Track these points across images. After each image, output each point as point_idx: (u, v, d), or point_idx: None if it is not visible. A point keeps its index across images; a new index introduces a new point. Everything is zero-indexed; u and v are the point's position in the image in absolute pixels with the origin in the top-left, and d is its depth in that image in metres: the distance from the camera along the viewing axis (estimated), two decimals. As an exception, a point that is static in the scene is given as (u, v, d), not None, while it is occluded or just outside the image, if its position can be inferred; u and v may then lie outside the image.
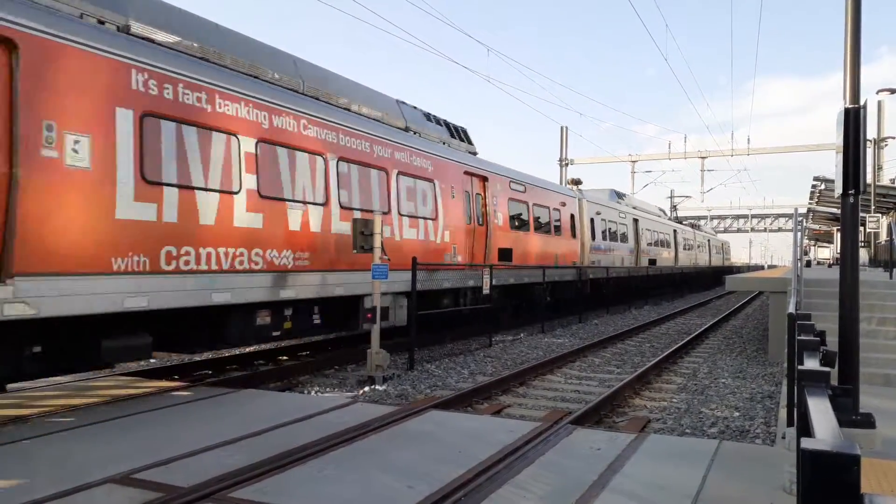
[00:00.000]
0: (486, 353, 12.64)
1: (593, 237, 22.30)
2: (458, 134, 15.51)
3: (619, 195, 28.15)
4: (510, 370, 10.55)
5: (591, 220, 22.13)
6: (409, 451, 5.50)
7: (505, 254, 15.51)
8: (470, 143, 15.95)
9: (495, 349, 13.27)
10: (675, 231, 36.39)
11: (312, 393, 8.89)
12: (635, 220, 28.02)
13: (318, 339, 12.93)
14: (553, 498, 4.52)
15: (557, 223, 19.33)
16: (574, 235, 20.72)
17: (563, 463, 5.30)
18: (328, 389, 9.20)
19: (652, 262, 30.83)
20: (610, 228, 24.37)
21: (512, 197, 16.35)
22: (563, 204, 19.89)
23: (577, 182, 23.71)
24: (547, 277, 17.42)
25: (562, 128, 39.15)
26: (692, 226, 46.64)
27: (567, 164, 38.11)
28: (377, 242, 9.81)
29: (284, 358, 11.81)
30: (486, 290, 14.08)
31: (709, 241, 49.95)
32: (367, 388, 9.13)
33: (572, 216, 20.63)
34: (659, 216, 34.40)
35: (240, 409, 6.96)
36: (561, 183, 30.70)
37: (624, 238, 26.21)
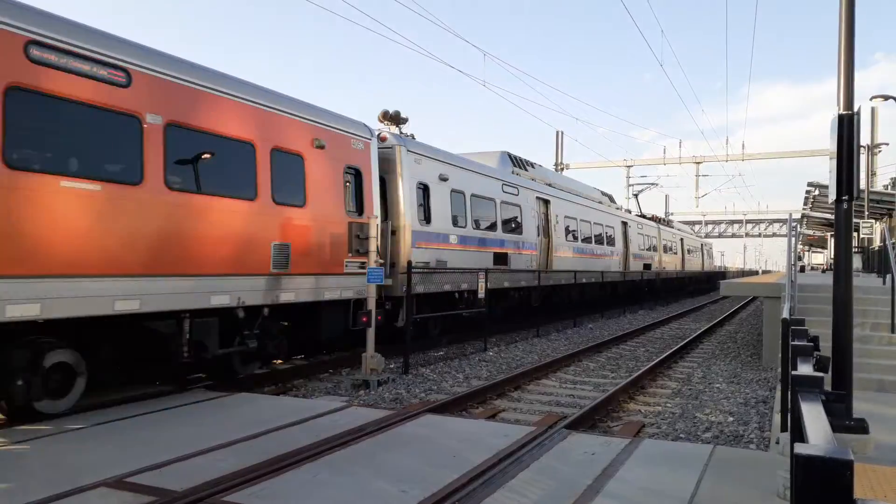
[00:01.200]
0: (482, 358, 12.63)
1: (426, 218, 12.91)
2: None
3: (522, 163, 19.16)
4: (505, 374, 10.55)
5: (423, 189, 12.96)
6: (403, 456, 5.49)
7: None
8: None
9: (490, 353, 13.26)
10: (624, 224, 27.23)
11: (307, 397, 8.87)
12: (544, 202, 18.97)
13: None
14: (548, 502, 4.52)
15: (297, 182, 9.64)
16: (360, 210, 11.04)
17: (558, 467, 5.29)
18: (323, 393, 9.18)
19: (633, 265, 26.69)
20: (478, 208, 15.06)
21: (44, 86, 6.51)
22: (320, 145, 10.05)
23: (394, 119, 13.51)
24: (239, 294, 8.44)
25: (557, 132, 39.30)
26: (657, 219, 35.93)
27: (562, 169, 38.19)
28: (373, 246, 9.85)
29: (279, 362, 11.77)
30: (480, 294, 14.09)
31: (682, 240, 40.36)
32: (361, 392, 9.12)
33: (357, 174, 10.97)
34: (601, 202, 25.26)
35: (234, 413, 6.94)
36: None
37: (515, 227, 16.91)
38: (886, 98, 22.03)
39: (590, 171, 43.60)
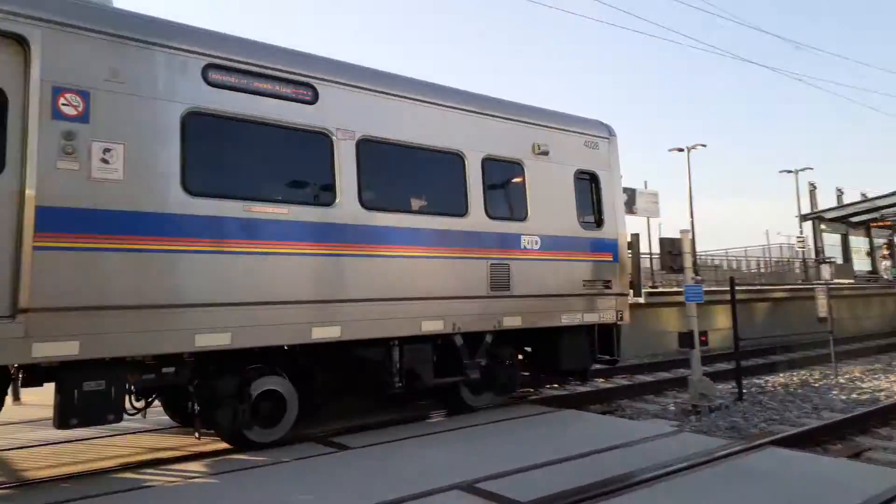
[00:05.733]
0: (830, 385, 10.95)
1: None
2: None
3: None
4: (866, 407, 8.97)
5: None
6: (748, 491, 5.00)
7: None
8: None
9: (842, 380, 11.42)
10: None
11: (633, 418, 8.70)
12: None
13: (633, 362, 12.63)
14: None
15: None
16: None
17: (960, 527, 4.28)
18: (649, 416, 8.91)
19: None
20: None
21: None
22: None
23: None
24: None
25: None
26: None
27: None
28: (688, 262, 9.35)
29: (601, 380, 11.78)
30: (821, 314, 12.29)
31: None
32: (692, 418, 8.62)
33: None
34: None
35: (563, 430, 7.11)
36: None
37: None
38: None
39: None
